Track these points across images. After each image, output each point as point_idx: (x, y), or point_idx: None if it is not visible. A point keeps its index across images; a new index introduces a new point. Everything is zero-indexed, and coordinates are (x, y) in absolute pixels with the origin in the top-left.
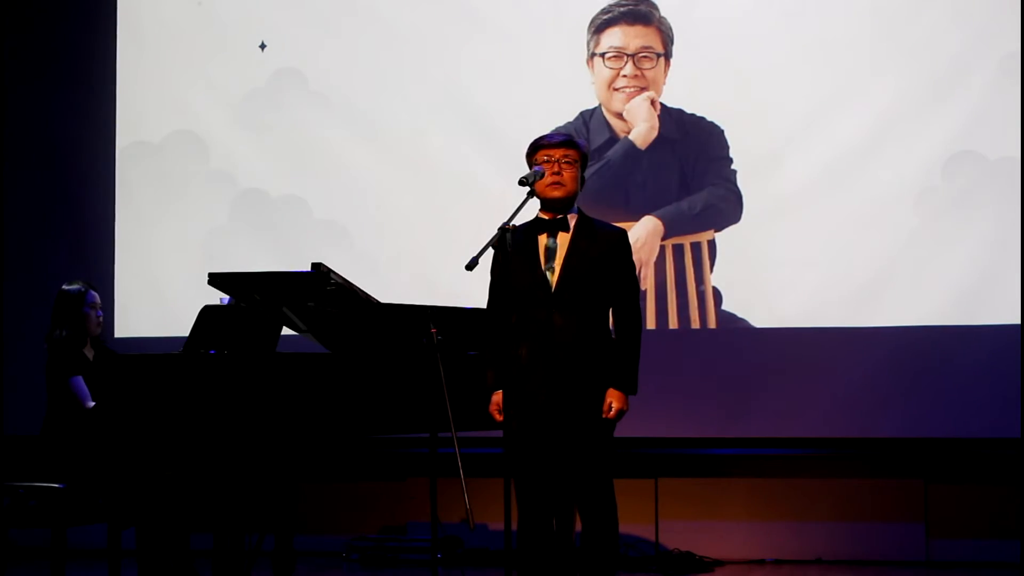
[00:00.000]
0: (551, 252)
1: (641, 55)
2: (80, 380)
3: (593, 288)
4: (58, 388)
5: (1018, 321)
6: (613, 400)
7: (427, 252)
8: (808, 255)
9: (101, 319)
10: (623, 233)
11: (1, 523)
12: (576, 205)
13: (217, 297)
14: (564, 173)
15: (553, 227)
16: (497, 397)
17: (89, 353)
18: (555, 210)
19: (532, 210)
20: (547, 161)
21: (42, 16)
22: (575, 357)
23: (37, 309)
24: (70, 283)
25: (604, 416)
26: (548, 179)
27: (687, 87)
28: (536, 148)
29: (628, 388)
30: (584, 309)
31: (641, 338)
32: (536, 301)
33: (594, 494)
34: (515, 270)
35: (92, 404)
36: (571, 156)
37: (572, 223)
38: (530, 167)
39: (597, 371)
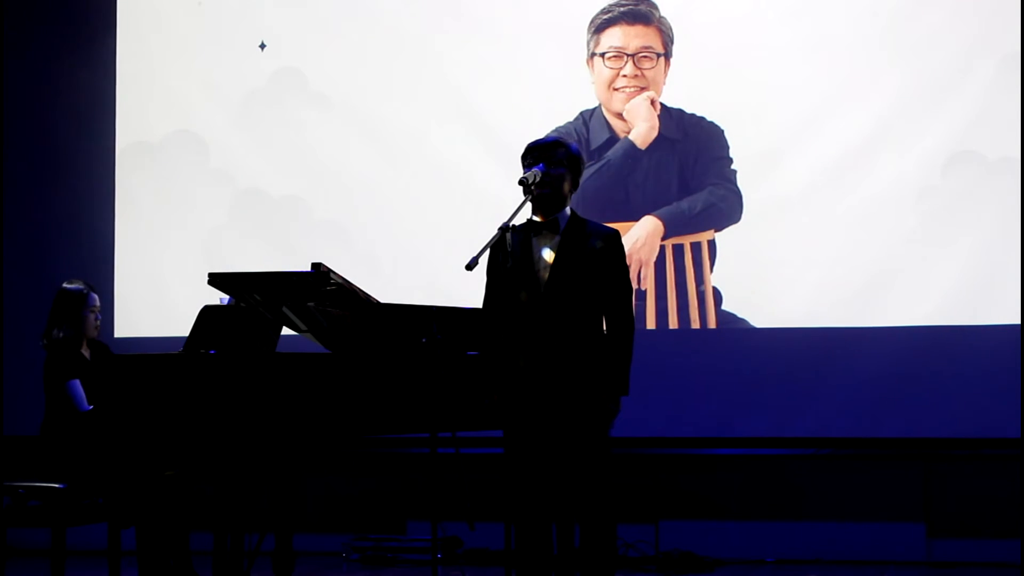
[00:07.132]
0: (542, 254)
1: (641, 55)
2: (77, 384)
3: (583, 289)
4: (56, 390)
5: (1018, 321)
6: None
7: (427, 252)
8: (808, 255)
9: (99, 322)
10: (615, 233)
11: (1, 523)
12: (568, 207)
13: (217, 297)
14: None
15: (544, 229)
16: (496, 398)
17: (86, 353)
18: (543, 211)
19: (530, 212)
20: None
21: (42, 16)
22: (566, 358)
23: (37, 309)
24: (71, 282)
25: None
26: None
27: (687, 87)
28: (525, 151)
29: (619, 389)
30: (574, 310)
31: (634, 338)
32: (527, 302)
33: (590, 495)
34: (509, 272)
35: (88, 408)
36: (554, 158)
37: (564, 224)
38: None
39: (588, 372)
